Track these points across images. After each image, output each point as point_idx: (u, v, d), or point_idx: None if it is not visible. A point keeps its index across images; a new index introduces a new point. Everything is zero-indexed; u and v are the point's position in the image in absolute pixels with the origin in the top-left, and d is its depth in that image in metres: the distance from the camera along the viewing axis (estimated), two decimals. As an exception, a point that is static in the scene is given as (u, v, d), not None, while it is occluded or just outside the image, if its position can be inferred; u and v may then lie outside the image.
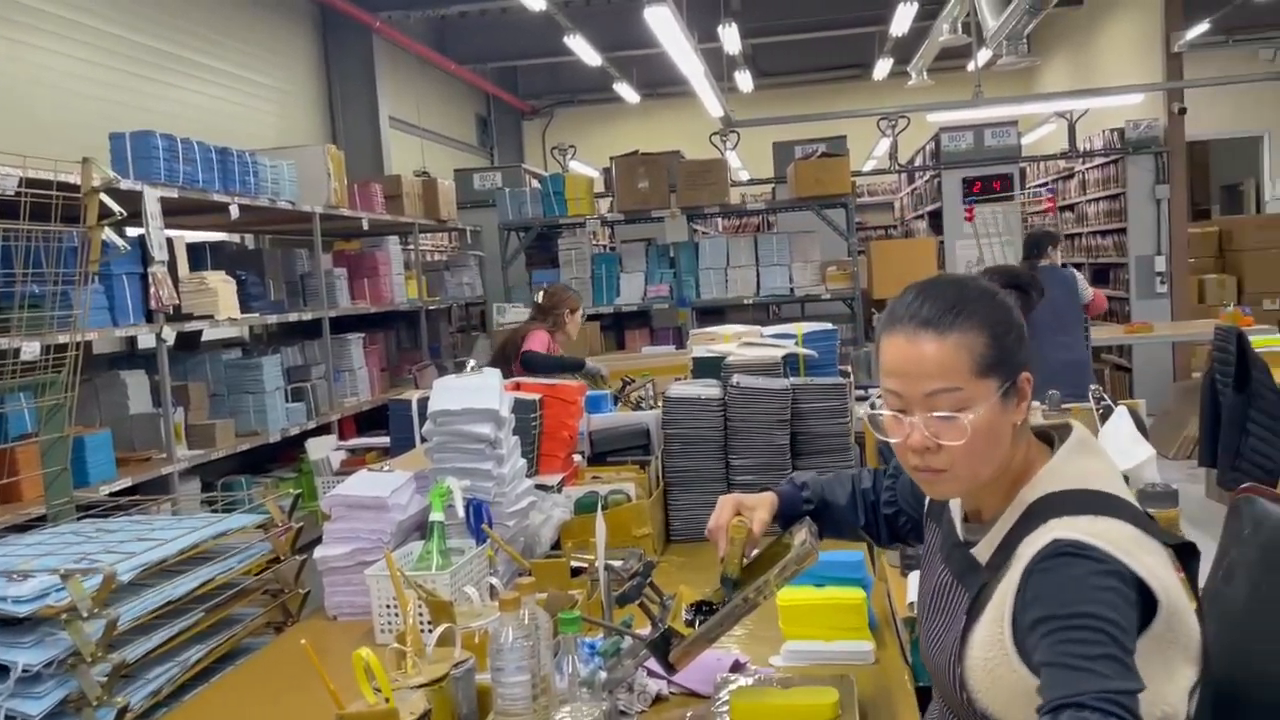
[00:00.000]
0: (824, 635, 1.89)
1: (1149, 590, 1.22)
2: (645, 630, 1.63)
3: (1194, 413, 5.57)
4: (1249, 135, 12.42)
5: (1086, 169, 9.69)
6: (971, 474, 1.35)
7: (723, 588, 1.57)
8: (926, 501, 1.61)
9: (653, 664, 1.60)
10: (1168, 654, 1.26)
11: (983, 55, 8.29)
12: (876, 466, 1.89)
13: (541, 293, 5.55)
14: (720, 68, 9.94)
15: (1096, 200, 9.49)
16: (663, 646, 1.54)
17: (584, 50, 9.66)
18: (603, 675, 1.56)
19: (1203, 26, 9.18)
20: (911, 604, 2.04)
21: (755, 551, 1.66)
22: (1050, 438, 1.44)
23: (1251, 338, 4.51)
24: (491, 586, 2.03)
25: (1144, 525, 1.29)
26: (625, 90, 12.43)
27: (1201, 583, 1.78)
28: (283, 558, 2.42)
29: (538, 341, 5.07)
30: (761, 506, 1.63)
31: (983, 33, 7.35)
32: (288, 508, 2.50)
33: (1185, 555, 1.32)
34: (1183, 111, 8.61)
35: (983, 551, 1.37)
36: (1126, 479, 1.88)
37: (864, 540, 1.83)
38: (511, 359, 4.93)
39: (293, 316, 5.68)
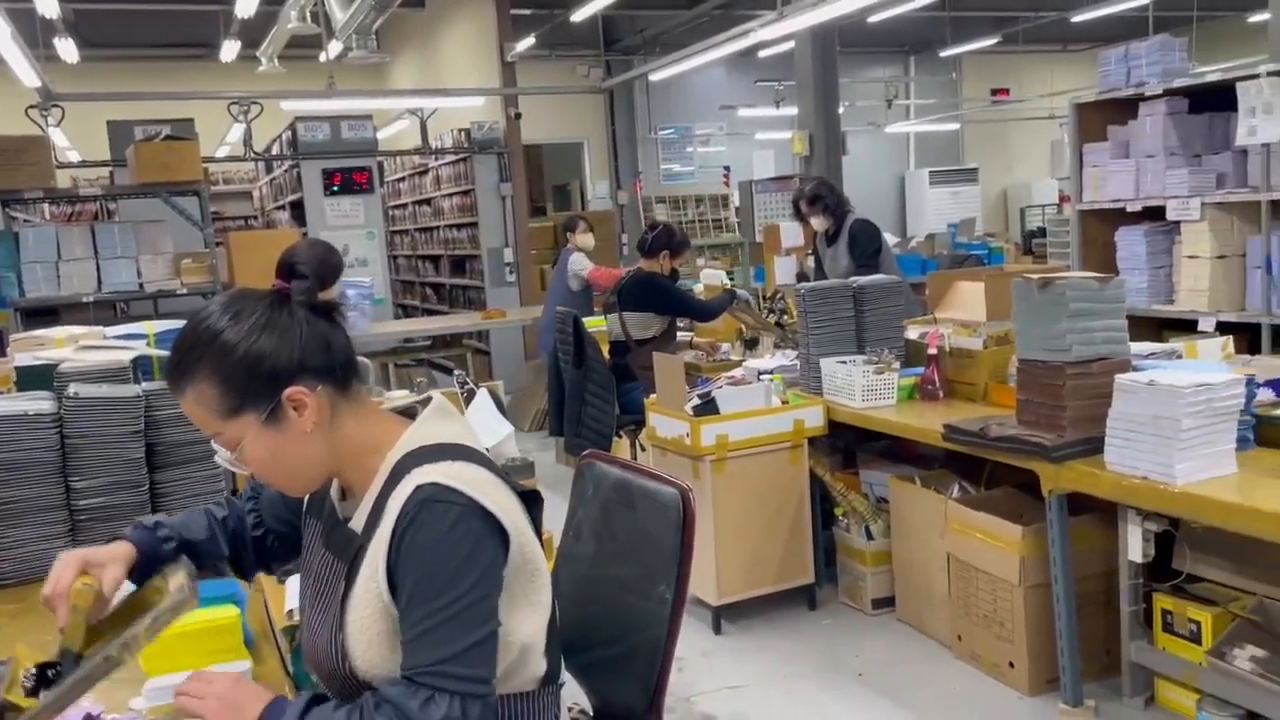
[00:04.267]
0: (195, 663, 1.72)
1: (500, 525, 1.34)
2: None
3: (543, 388, 6.21)
4: (573, 141, 14.17)
5: (440, 165, 10.24)
6: (292, 480, 1.44)
7: (62, 662, 1.34)
8: (305, 500, 1.57)
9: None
10: (525, 587, 1.41)
11: (334, 47, 8.28)
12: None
13: None
14: (35, 32, 8.62)
15: (450, 195, 10.09)
16: None
17: None
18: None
19: (529, 40, 10.21)
20: (291, 612, 1.95)
21: (118, 601, 1.45)
22: (415, 412, 1.50)
23: (584, 320, 5.14)
24: None
25: (494, 470, 1.41)
26: (-95, 47, 10.18)
27: (558, 541, 1.97)
28: None
29: None
30: (114, 562, 1.45)
31: (332, 24, 7.34)
32: None
33: (530, 502, 1.46)
34: (518, 116, 9.50)
35: (358, 520, 1.41)
36: (488, 452, 1.99)
37: (228, 574, 1.72)
38: None
39: None
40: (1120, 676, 3.06)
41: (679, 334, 5.41)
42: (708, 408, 3.80)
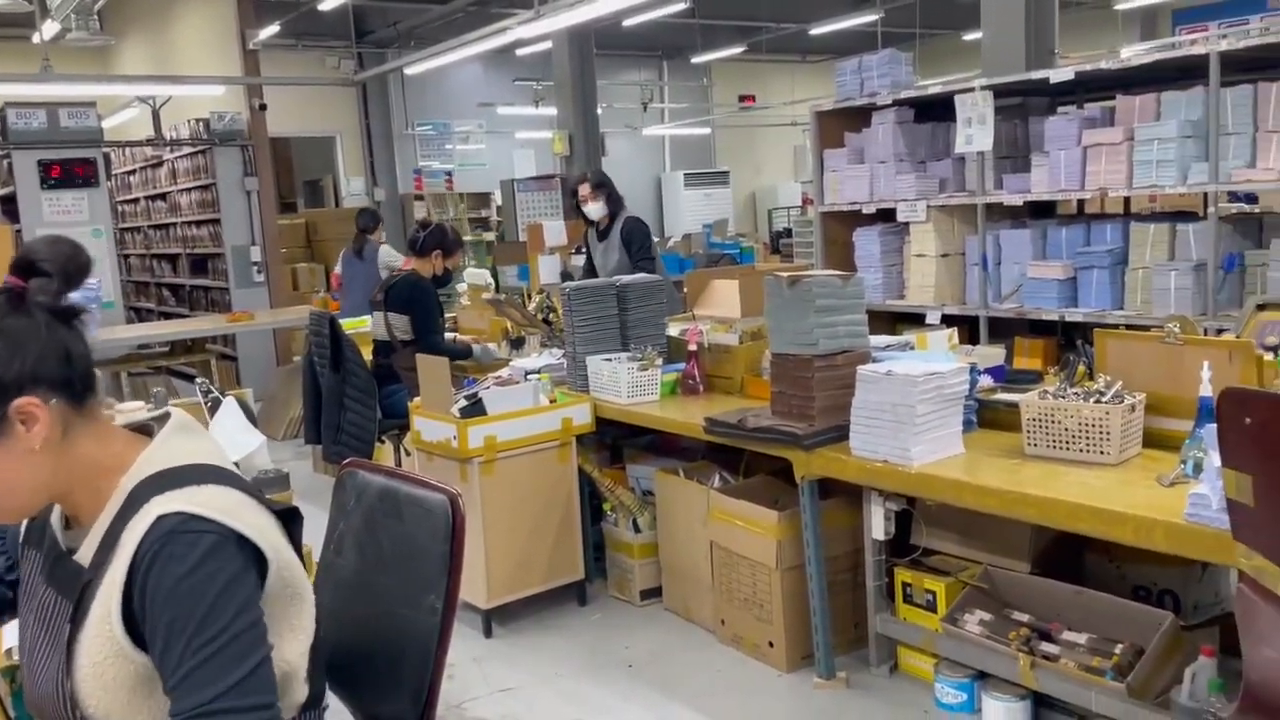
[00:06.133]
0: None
1: (259, 550, 1.26)
2: None
3: (298, 394, 5.92)
4: (325, 135, 13.61)
5: (176, 158, 9.55)
6: (5, 504, 1.27)
7: None
8: (23, 529, 1.42)
9: None
10: (285, 611, 1.32)
11: (50, 27, 7.56)
12: None
13: None
14: None
15: (189, 190, 9.42)
16: None
17: None
18: None
19: (274, 28, 9.71)
20: (10, 650, 1.75)
21: None
22: (152, 430, 1.39)
23: (341, 321, 4.94)
24: None
25: (248, 491, 1.32)
26: None
27: (317, 555, 1.88)
28: None
29: None
30: None
31: (46, 2, 6.69)
32: None
33: (289, 520, 1.38)
34: (263, 107, 9.01)
35: (86, 553, 1.28)
36: (238, 465, 1.87)
37: None
38: None
39: None
40: (868, 648, 3.28)
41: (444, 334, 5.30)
42: (475, 409, 3.74)
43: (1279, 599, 1.70)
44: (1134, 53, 5.61)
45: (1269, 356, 2.69)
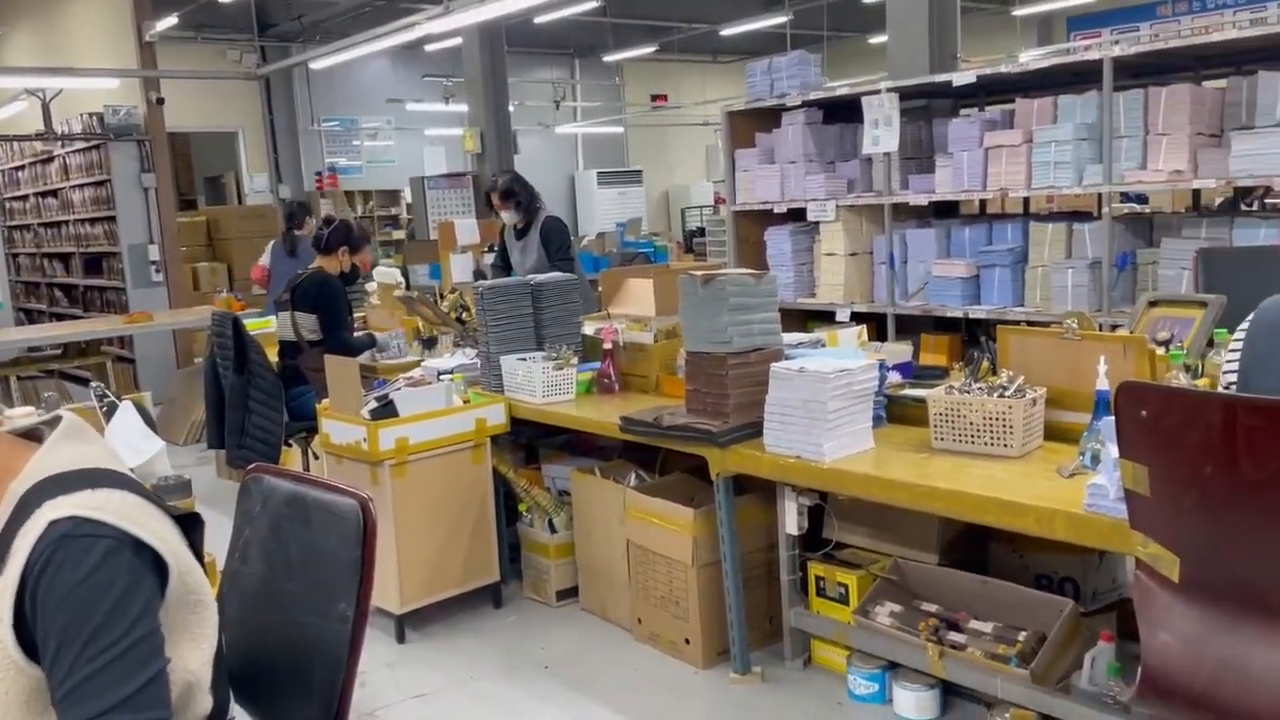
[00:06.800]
0: None
1: (158, 555, 1.22)
2: None
3: (199, 397, 5.73)
4: (226, 130, 13.21)
5: (67, 153, 9.17)
6: None
7: None
8: None
9: None
10: (187, 619, 1.29)
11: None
12: None
13: None
14: None
15: (82, 186, 9.06)
16: None
17: None
18: None
19: (172, 20, 9.39)
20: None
21: None
22: (41, 435, 1.34)
23: (245, 322, 4.80)
24: None
25: (145, 494, 1.28)
26: None
27: (222, 564, 1.82)
28: None
29: None
30: None
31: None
32: None
33: (189, 526, 1.34)
34: (161, 101, 8.71)
35: None
36: (133, 471, 1.80)
37: None
38: None
39: None
40: (782, 642, 3.32)
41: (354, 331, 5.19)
42: (386, 410, 3.67)
43: (1174, 585, 1.77)
44: (1032, 57, 5.80)
45: (1161, 351, 2.80)
